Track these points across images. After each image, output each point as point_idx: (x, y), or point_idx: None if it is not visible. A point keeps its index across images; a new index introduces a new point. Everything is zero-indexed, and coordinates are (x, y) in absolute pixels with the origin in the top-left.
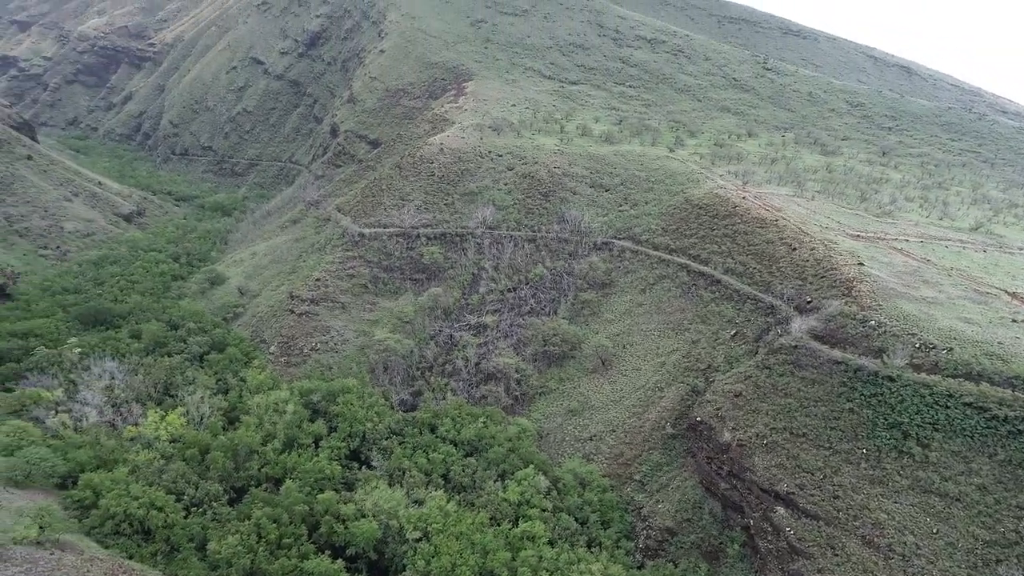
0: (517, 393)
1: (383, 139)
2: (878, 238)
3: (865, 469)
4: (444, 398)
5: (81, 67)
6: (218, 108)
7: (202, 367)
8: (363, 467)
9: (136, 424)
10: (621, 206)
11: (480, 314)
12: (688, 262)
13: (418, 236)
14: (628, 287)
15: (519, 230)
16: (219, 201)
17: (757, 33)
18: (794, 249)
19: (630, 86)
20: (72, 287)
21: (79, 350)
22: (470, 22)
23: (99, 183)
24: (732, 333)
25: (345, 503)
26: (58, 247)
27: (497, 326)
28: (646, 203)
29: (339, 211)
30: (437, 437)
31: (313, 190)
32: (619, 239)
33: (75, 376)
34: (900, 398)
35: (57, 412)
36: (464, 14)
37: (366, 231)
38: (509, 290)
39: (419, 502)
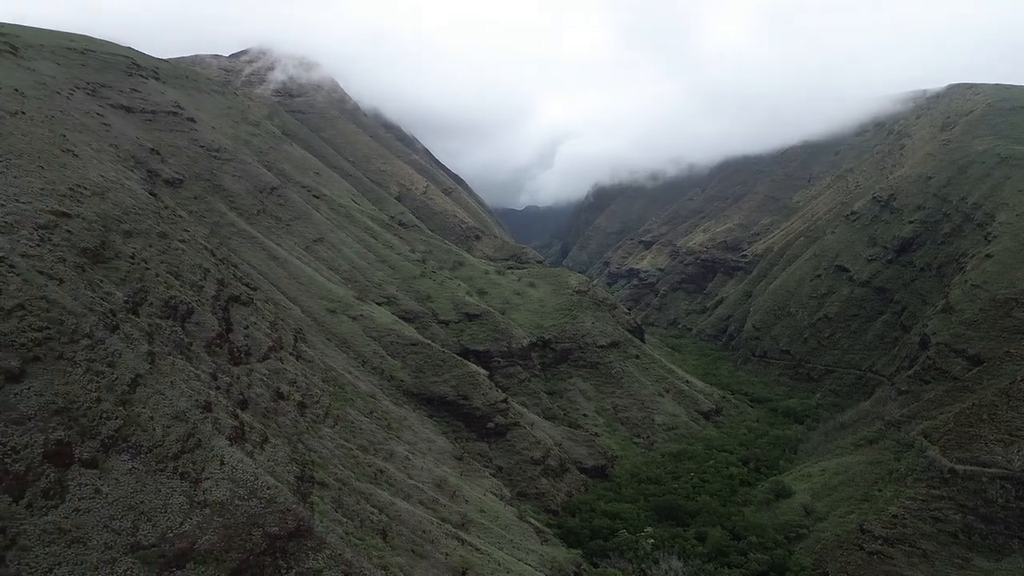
0: None
1: (986, 356)
2: None
3: None
4: None
5: (685, 276)
6: (799, 314)
7: None
8: None
9: None
10: None
11: None
12: None
13: None
14: None
15: None
16: (791, 407)
17: None
18: None
19: None
20: (654, 477)
21: (652, 541)
22: None
23: (687, 381)
24: None
25: None
26: (648, 437)
27: None
28: None
29: (925, 437)
30: None
31: (895, 407)
32: None
33: (645, 567)
34: None
35: None
36: None
37: (959, 468)
38: None
39: None
